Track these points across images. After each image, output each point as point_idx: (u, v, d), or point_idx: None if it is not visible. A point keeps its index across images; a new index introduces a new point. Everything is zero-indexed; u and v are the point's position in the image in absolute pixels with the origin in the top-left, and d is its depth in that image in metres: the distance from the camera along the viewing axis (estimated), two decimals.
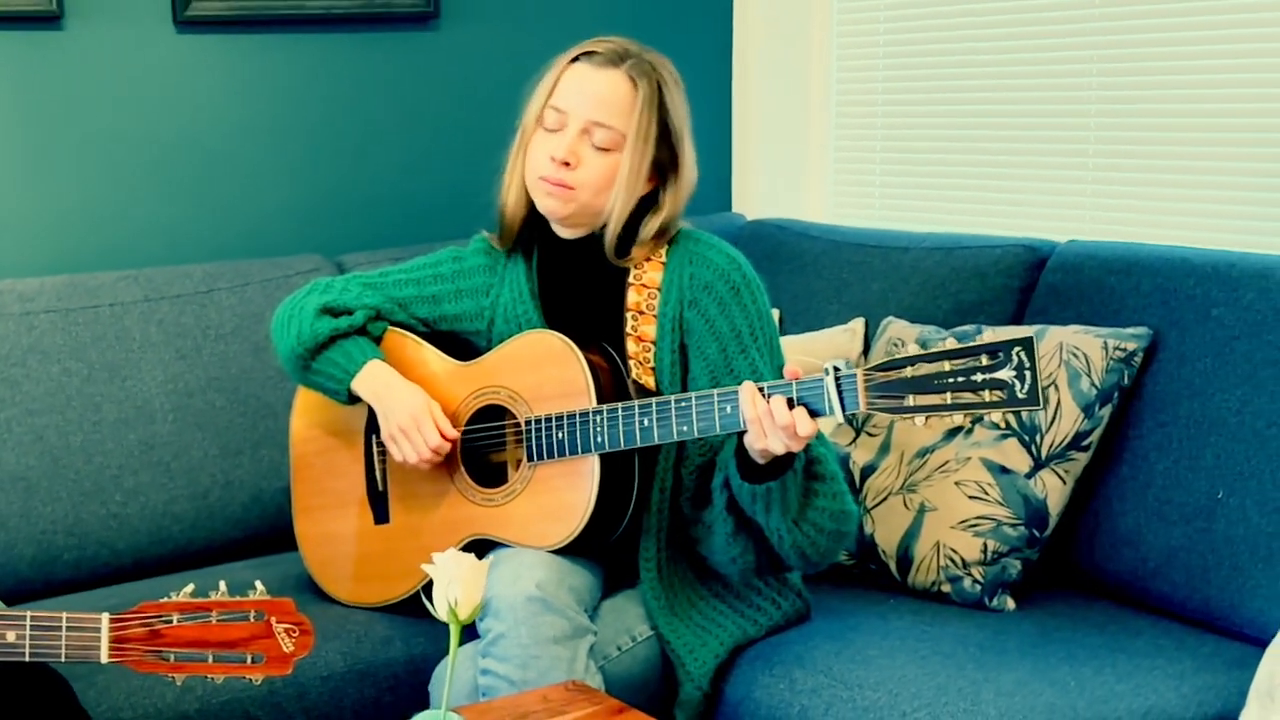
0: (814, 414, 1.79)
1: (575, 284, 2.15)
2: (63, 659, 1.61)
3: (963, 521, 2.24)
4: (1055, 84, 2.87)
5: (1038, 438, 2.25)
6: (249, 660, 1.62)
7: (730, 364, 2.04)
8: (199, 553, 2.51)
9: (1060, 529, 2.28)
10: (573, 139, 2.03)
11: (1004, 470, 2.25)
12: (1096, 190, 2.82)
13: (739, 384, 1.86)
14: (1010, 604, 2.22)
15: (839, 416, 1.77)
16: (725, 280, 2.07)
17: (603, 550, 2.06)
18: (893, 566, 2.29)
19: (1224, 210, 2.62)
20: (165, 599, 1.62)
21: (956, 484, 2.26)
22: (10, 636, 1.57)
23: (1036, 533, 2.24)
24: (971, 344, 1.71)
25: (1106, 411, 2.25)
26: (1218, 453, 2.15)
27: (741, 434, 1.88)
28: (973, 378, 1.71)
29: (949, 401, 1.71)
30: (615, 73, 2.04)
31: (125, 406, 2.51)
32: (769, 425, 1.79)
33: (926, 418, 1.74)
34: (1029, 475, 2.24)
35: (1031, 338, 1.69)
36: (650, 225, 2.08)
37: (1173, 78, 2.69)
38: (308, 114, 2.91)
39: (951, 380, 1.71)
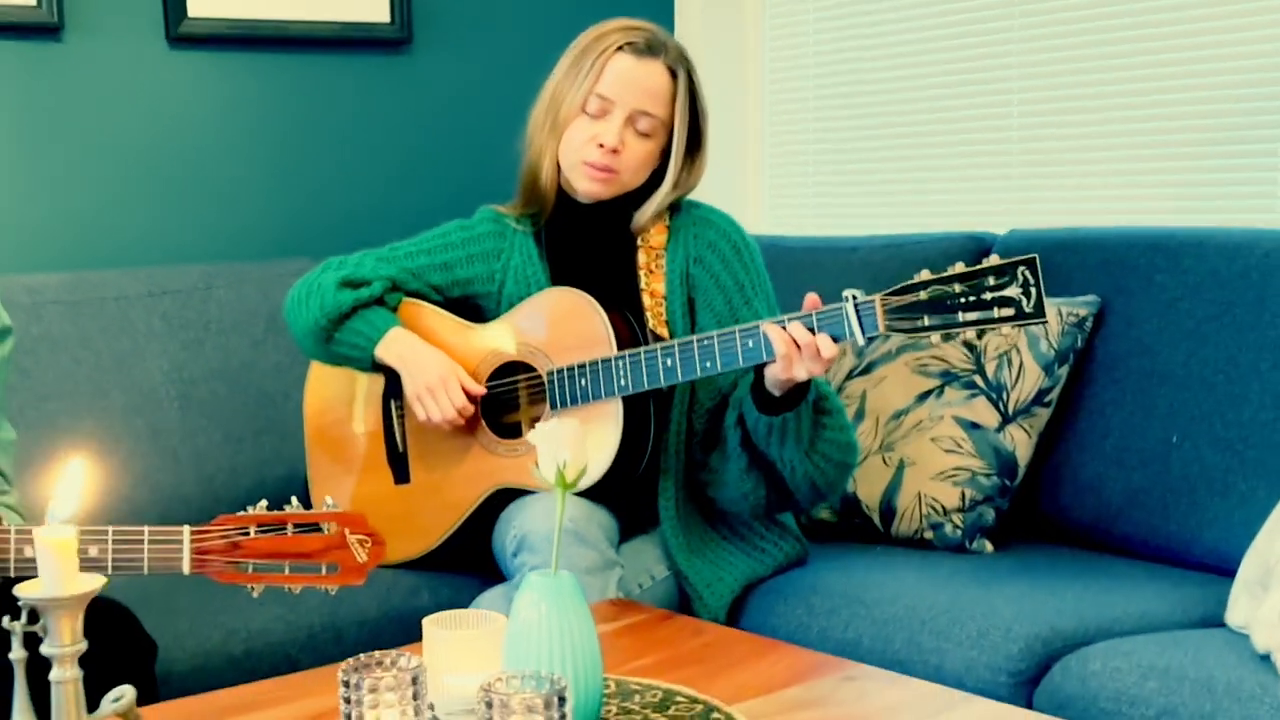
0: (835, 339, 1.87)
1: (585, 246, 2.21)
2: (145, 572, 1.60)
3: (940, 473, 2.33)
4: (977, 80, 2.98)
5: (1005, 395, 2.36)
6: (324, 570, 1.63)
7: (735, 315, 2.13)
8: None
9: (1026, 480, 2.38)
10: (620, 126, 2.10)
11: (975, 426, 2.35)
12: (1023, 183, 2.94)
13: None
14: (989, 547, 2.32)
15: (859, 339, 1.85)
16: (727, 239, 2.17)
17: (622, 494, 2.11)
18: (876, 519, 2.38)
19: (1146, 190, 2.75)
20: (242, 512, 1.63)
21: (932, 440, 2.36)
22: (93, 551, 1.56)
23: (1008, 482, 2.34)
24: (980, 266, 1.81)
25: (1064, 371, 2.37)
26: (1170, 402, 2.27)
27: (760, 368, 1.95)
28: (983, 296, 1.80)
29: (961, 319, 1.81)
30: (657, 64, 2.11)
31: (133, 394, 2.51)
32: (793, 352, 1.86)
33: (942, 335, 1.83)
34: (998, 430, 2.35)
35: (1035, 257, 1.79)
36: (668, 198, 2.15)
37: (1092, 65, 2.79)
38: (290, 128, 2.95)
39: (963, 300, 1.81)
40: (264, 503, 1.65)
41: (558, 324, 2.12)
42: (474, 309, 2.27)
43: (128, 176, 2.78)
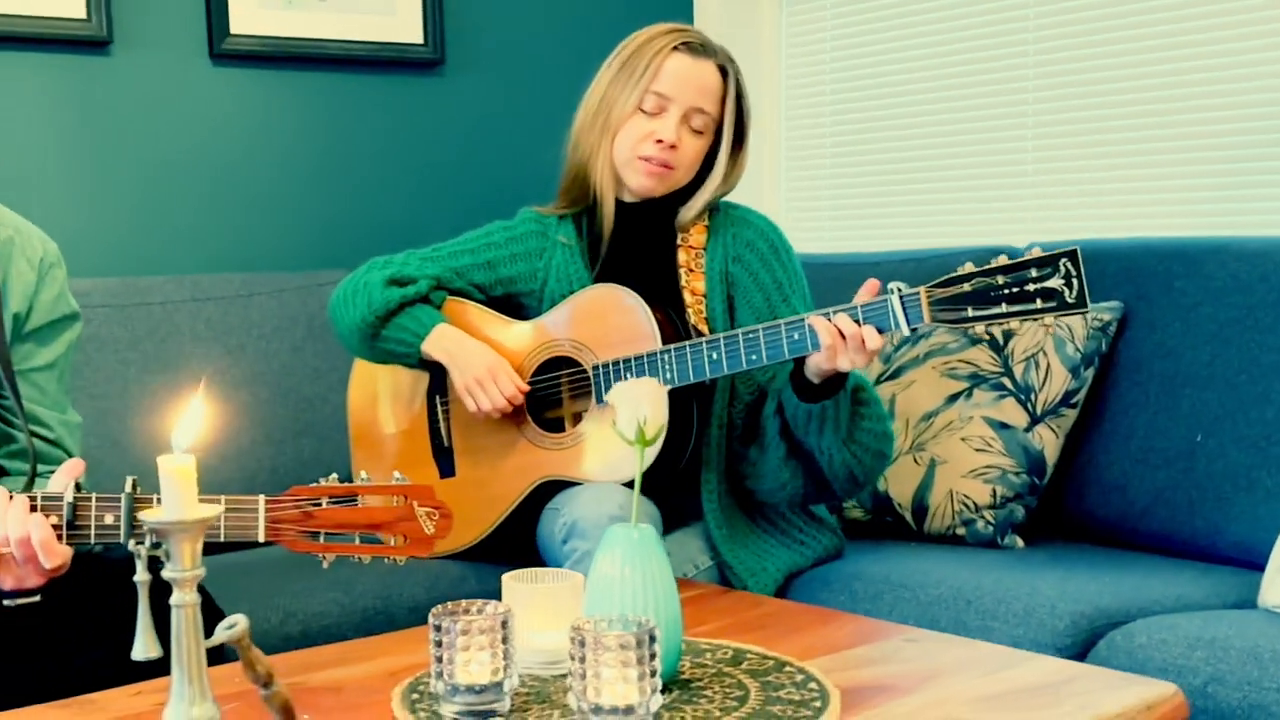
0: (880, 331, 1.90)
1: (627, 245, 2.25)
2: (221, 539, 1.62)
3: (971, 470, 2.37)
4: (993, 94, 3.03)
5: (1033, 396, 2.40)
6: (393, 541, 1.65)
7: (774, 312, 2.16)
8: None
9: (1053, 480, 2.41)
10: (676, 122, 2.14)
11: (1004, 426, 2.39)
12: (1039, 197, 2.99)
13: None
14: (1020, 542, 2.34)
15: (904, 330, 1.89)
16: (765, 239, 2.21)
17: (666, 487, 2.14)
18: (908, 516, 2.41)
19: (1163, 202, 2.80)
20: (315, 484, 1.65)
21: (962, 439, 2.39)
22: (140, 513, 1.58)
23: (1036, 480, 2.37)
24: (1022, 258, 1.86)
25: (1090, 373, 2.41)
26: (1193, 403, 2.31)
27: (802, 360, 1.99)
28: (1026, 287, 1.84)
29: (1005, 310, 1.85)
30: (710, 63, 2.16)
31: (179, 394, 2.52)
32: (838, 343, 1.90)
33: (986, 326, 1.87)
34: (1027, 429, 2.39)
35: (1077, 249, 1.84)
36: (716, 194, 2.20)
37: (1107, 77, 2.84)
38: (327, 143, 3.00)
39: (1006, 291, 1.85)
40: (335, 475, 1.68)
41: (602, 319, 2.15)
42: (516, 307, 2.30)
43: (172, 186, 2.82)
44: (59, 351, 1.80)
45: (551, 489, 2.16)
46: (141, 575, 1.14)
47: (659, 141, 2.13)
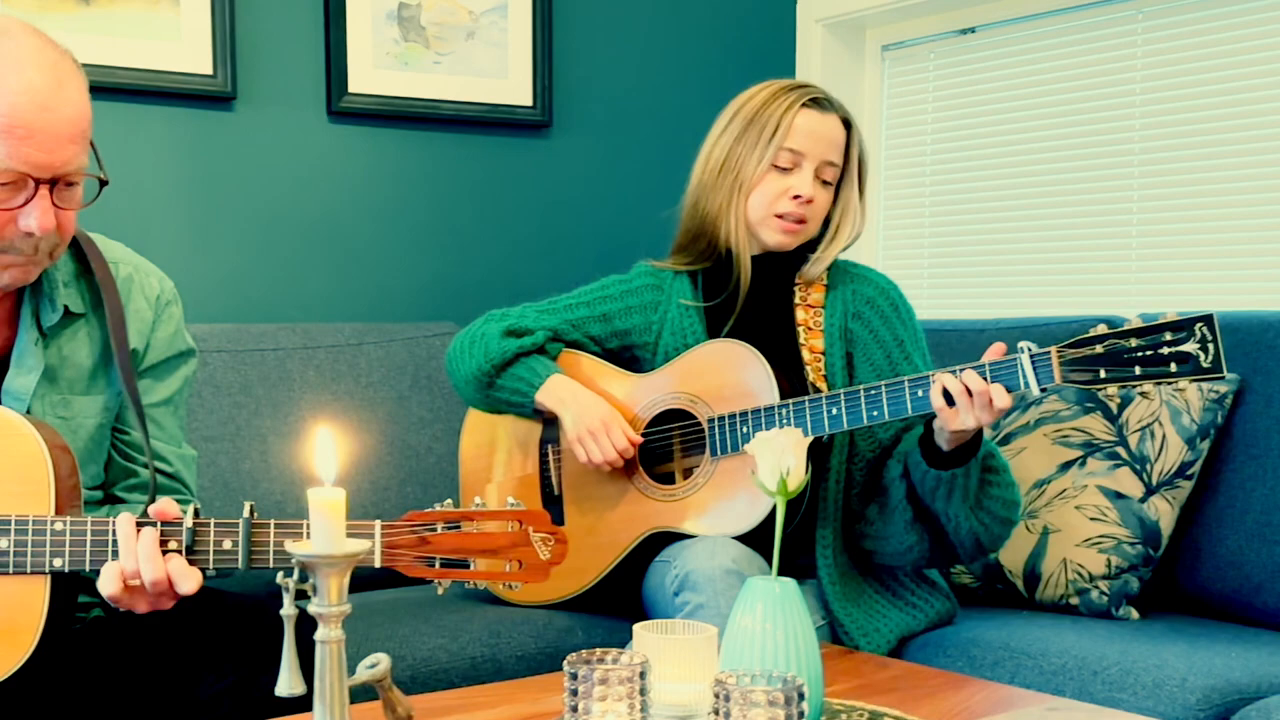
0: (1008, 390, 1.82)
1: (745, 302, 2.17)
2: None
3: (1086, 540, 2.26)
4: (1098, 166, 2.94)
5: (1148, 467, 2.29)
6: (508, 567, 1.56)
7: (895, 369, 2.08)
8: (359, 579, 2.45)
9: (1166, 552, 2.30)
10: (811, 177, 2.09)
11: (1119, 495, 2.28)
12: (1142, 265, 2.89)
13: None
14: (1134, 614, 2.23)
15: (1034, 390, 1.81)
16: (885, 297, 2.14)
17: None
18: (1020, 584, 2.30)
19: (1270, 275, 2.70)
20: (430, 509, 1.58)
21: (1077, 508, 2.29)
22: (287, 544, 1.53)
23: (1151, 552, 2.26)
24: (1158, 322, 1.77)
25: (1206, 445, 2.30)
26: None
27: (930, 421, 1.91)
28: (1159, 351, 1.75)
29: (1138, 373, 1.76)
30: (834, 117, 2.11)
31: (288, 439, 2.49)
32: (964, 401, 1.82)
33: (1119, 388, 1.78)
34: (1142, 500, 2.28)
35: (1213, 315, 1.75)
36: (844, 245, 2.13)
37: (1212, 151, 2.76)
38: (437, 200, 2.97)
39: (1140, 354, 1.76)
40: (449, 500, 1.61)
41: (719, 373, 2.08)
42: (630, 360, 2.24)
43: (287, 237, 2.80)
44: (175, 387, 1.77)
45: (658, 542, 2.09)
46: (288, 609, 1.08)
47: (795, 198, 2.07)
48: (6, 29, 1.47)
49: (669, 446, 2.14)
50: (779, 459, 1.32)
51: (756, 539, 2.00)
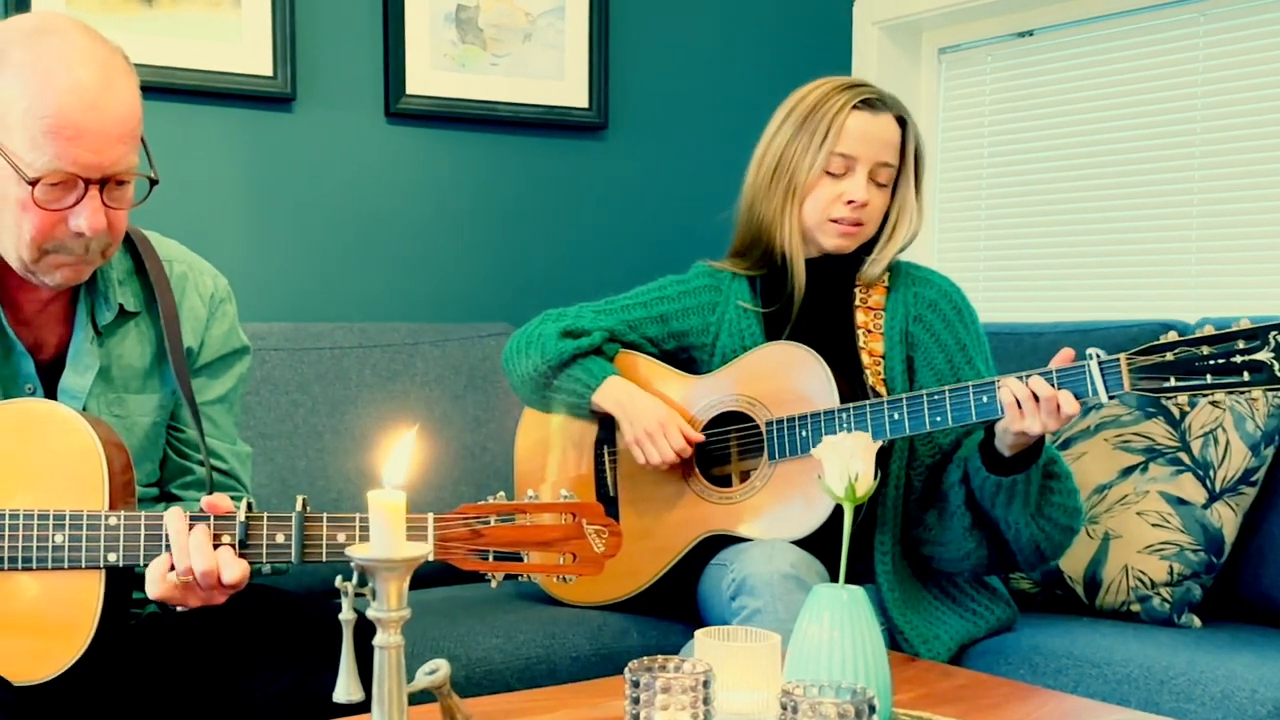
0: (1076, 397, 1.75)
1: (803, 305, 2.11)
2: None
3: (1148, 546, 2.18)
4: (1157, 168, 2.85)
5: (1211, 473, 2.21)
6: (561, 560, 1.50)
7: (957, 373, 2.02)
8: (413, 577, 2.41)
9: (1229, 559, 2.22)
10: (865, 181, 2.01)
11: (1182, 502, 2.20)
12: (1202, 269, 2.80)
13: None
14: (1197, 621, 2.15)
15: (1102, 398, 1.73)
16: (948, 299, 2.07)
17: (836, 547, 1.99)
18: (1080, 590, 2.22)
19: None
20: (483, 501, 1.52)
21: (1138, 514, 2.21)
22: (340, 538, 1.49)
23: (1214, 559, 2.18)
24: (1230, 330, 1.69)
25: (1270, 451, 2.22)
26: None
27: (990, 426, 1.84)
28: (1232, 359, 1.68)
29: (1210, 382, 1.68)
30: (888, 116, 2.03)
31: (344, 437, 2.45)
32: (1031, 406, 1.75)
33: (1189, 396, 1.70)
34: (1205, 506, 2.20)
35: None
36: (902, 245, 2.07)
37: (1273, 154, 2.67)
38: (492, 201, 2.93)
39: (1211, 362, 1.68)
40: (502, 493, 1.55)
41: (778, 377, 2.02)
42: (687, 361, 2.19)
43: (344, 237, 2.76)
44: (230, 384, 1.73)
45: (714, 545, 2.03)
46: (347, 614, 1.03)
47: (849, 203, 2.00)
48: (55, 26, 1.43)
49: (725, 449, 2.09)
50: (847, 463, 1.26)
51: (814, 544, 1.94)
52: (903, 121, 2.05)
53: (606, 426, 2.15)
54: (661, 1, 3.10)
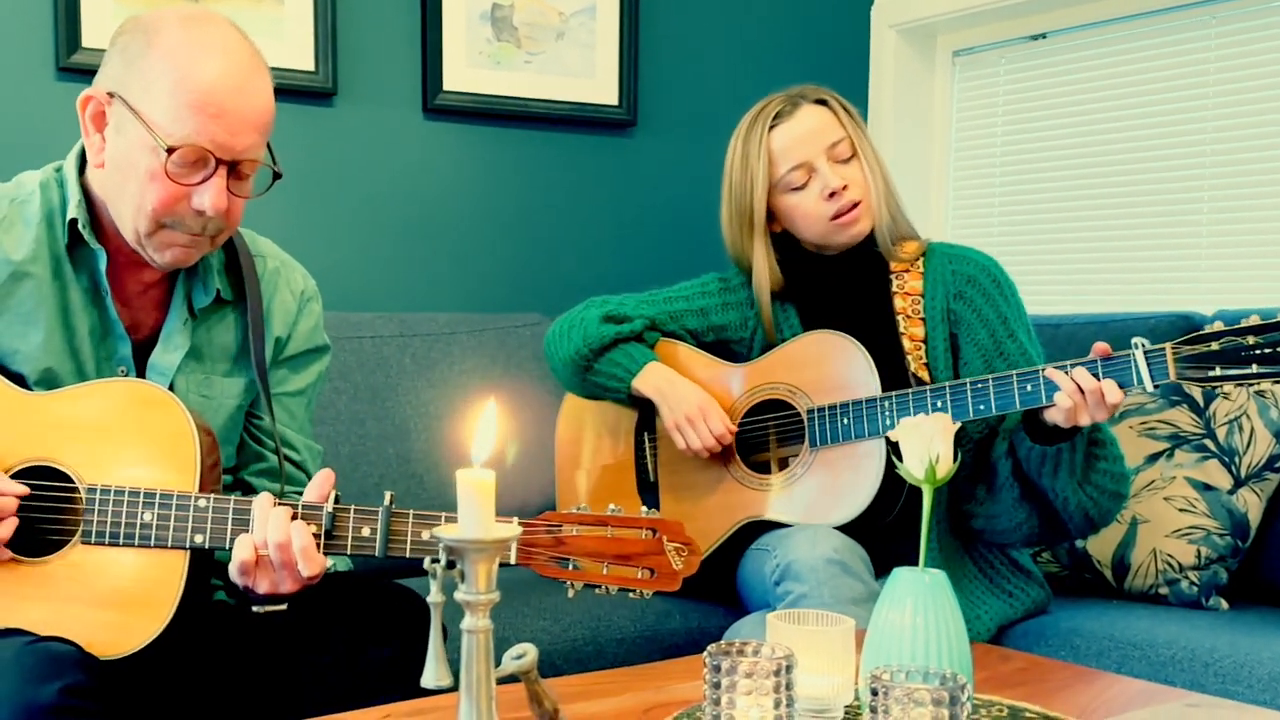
0: (1121, 387, 1.67)
1: (840, 297, 2.03)
2: None
3: (1176, 530, 2.09)
4: (1169, 163, 2.76)
5: (1236, 459, 2.13)
6: (640, 574, 1.43)
7: (1000, 347, 1.93)
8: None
9: (1252, 544, 2.13)
10: (829, 169, 1.94)
11: (1208, 487, 2.12)
12: (1214, 261, 2.71)
13: (1010, 366, 1.75)
14: (1224, 604, 2.06)
15: (1148, 386, 1.65)
16: (987, 274, 1.98)
17: (876, 535, 1.90)
18: (1108, 574, 2.14)
19: None
20: (568, 511, 1.45)
21: (1165, 499, 2.13)
22: (425, 535, 1.41)
23: (1239, 543, 2.10)
24: (1277, 319, 1.61)
25: None
26: None
27: (1039, 410, 1.75)
28: (1278, 349, 1.59)
29: (1256, 371, 1.60)
30: (805, 108, 1.97)
31: (385, 424, 2.36)
32: (1077, 398, 1.66)
33: (1235, 386, 1.62)
34: (1231, 492, 2.11)
35: None
36: (889, 197, 1.97)
37: None
38: (526, 195, 2.84)
39: (1257, 352, 1.60)
40: (583, 504, 1.48)
41: (818, 365, 1.93)
42: (727, 355, 2.10)
43: (383, 228, 2.67)
44: (309, 380, 1.69)
45: (753, 530, 1.94)
46: (435, 596, 0.95)
47: (832, 194, 1.92)
48: (211, 18, 1.43)
49: (765, 436, 2.00)
50: (928, 445, 1.17)
51: (853, 530, 1.85)
52: (821, 101, 1.96)
53: (646, 412, 2.07)
54: (689, 4, 3.02)
